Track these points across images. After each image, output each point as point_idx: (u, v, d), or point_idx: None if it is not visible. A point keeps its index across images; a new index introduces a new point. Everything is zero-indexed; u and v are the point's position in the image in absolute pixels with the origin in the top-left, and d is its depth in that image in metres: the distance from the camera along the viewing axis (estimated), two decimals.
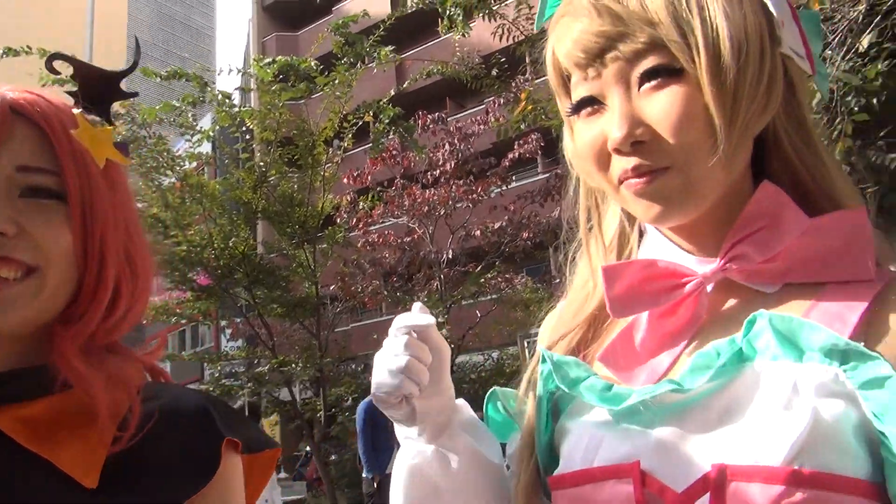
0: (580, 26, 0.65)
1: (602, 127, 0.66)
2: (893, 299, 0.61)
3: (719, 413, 0.59)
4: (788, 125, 0.68)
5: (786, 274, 0.66)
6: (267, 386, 9.25)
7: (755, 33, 0.63)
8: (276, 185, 7.89)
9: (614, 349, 0.69)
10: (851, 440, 0.56)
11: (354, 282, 10.43)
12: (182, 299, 9.07)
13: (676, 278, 0.67)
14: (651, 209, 0.65)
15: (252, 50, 23.71)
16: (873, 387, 0.55)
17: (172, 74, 6.71)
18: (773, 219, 0.65)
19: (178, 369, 26.28)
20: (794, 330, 0.59)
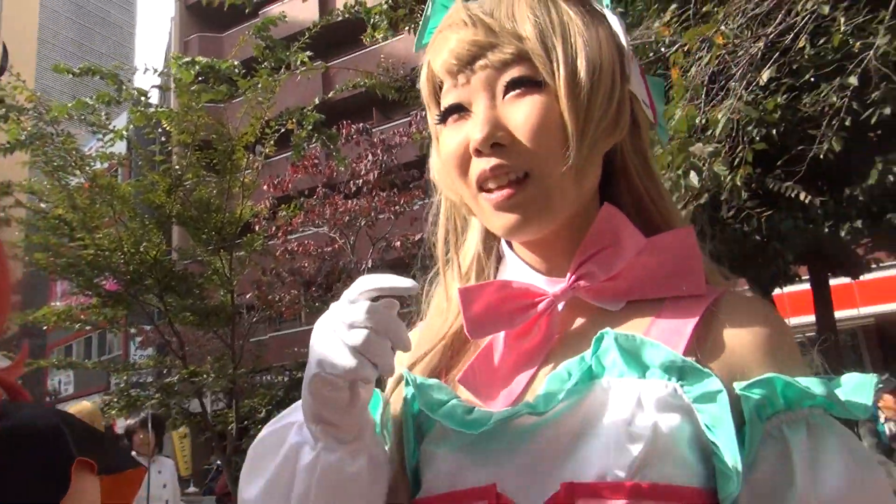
0: (456, 36, 0.70)
1: (466, 131, 0.70)
2: (720, 313, 0.67)
3: (571, 431, 0.62)
4: (634, 156, 0.76)
5: (628, 292, 0.71)
6: (176, 397, 8.91)
7: (608, 62, 0.70)
8: (192, 190, 7.65)
9: (474, 371, 0.71)
10: (687, 451, 0.60)
11: (272, 291, 10.23)
12: (87, 305, 8.66)
13: (529, 298, 0.71)
14: (508, 220, 0.69)
15: (174, 50, 23.01)
16: (706, 401, 0.60)
17: (86, 71, 6.42)
18: (615, 239, 0.71)
19: (83, 378, 25.08)
20: (637, 347, 0.63)
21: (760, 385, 0.60)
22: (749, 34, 3.31)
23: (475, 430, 0.64)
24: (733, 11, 3.19)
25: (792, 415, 0.60)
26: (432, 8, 0.78)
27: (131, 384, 10.14)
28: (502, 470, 0.63)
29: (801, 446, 0.59)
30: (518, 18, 0.69)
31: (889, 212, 5.33)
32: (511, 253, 0.77)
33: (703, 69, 3.08)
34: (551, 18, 0.69)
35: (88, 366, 9.70)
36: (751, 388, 0.60)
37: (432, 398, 0.68)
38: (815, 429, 0.60)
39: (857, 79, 3.67)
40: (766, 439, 0.60)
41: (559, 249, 0.73)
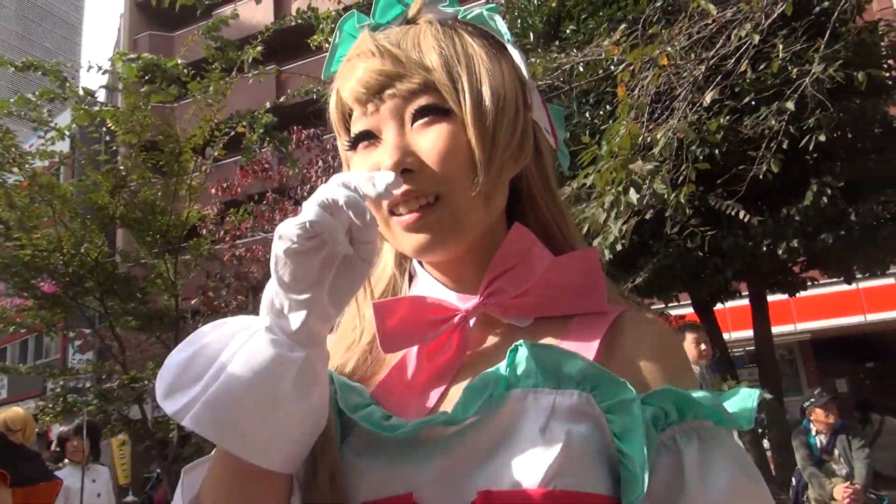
0: (364, 65, 0.72)
1: (376, 158, 0.72)
2: (621, 331, 0.72)
3: (488, 441, 0.63)
4: (538, 181, 0.80)
5: (537, 308, 0.74)
6: (115, 403, 8.65)
7: (511, 92, 0.74)
8: (137, 191, 7.46)
9: (387, 385, 0.73)
10: (596, 459, 0.62)
11: (218, 296, 10.04)
12: (23, 307, 8.35)
13: (442, 313, 0.73)
14: (417, 240, 0.71)
15: (122, 48, 22.45)
16: (618, 409, 0.63)
17: (28, 66, 6.20)
18: (524, 256, 0.73)
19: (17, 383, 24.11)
20: (551, 358, 0.65)
21: (657, 397, 0.64)
22: (693, 56, 3.41)
23: (392, 434, 0.65)
24: (678, 34, 3.29)
25: (685, 426, 0.64)
26: (340, 37, 0.80)
27: (68, 389, 9.81)
28: (419, 479, 0.64)
29: (693, 456, 0.62)
30: (424, 49, 0.72)
31: (823, 232, 5.54)
32: (423, 271, 0.80)
33: (647, 88, 3.17)
34: (456, 50, 0.72)
35: (22, 370, 9.33)
36: (648, 399, 0.63)
37: (353, 400, 0.69)
38: (705, 440, 0.63)
39: (794, 104, 3.83)
40: (661, 449, 0.63)
41: (470, 267, 0.75)
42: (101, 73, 6.70)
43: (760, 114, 4.29)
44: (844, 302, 12.26)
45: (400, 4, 0.77)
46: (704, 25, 3.40)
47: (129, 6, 24.64)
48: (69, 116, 6.97)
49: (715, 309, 7.73)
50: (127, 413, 9.68)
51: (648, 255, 6.01)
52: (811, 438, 5.43)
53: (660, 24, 3.86)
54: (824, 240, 5.54)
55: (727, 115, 5.01)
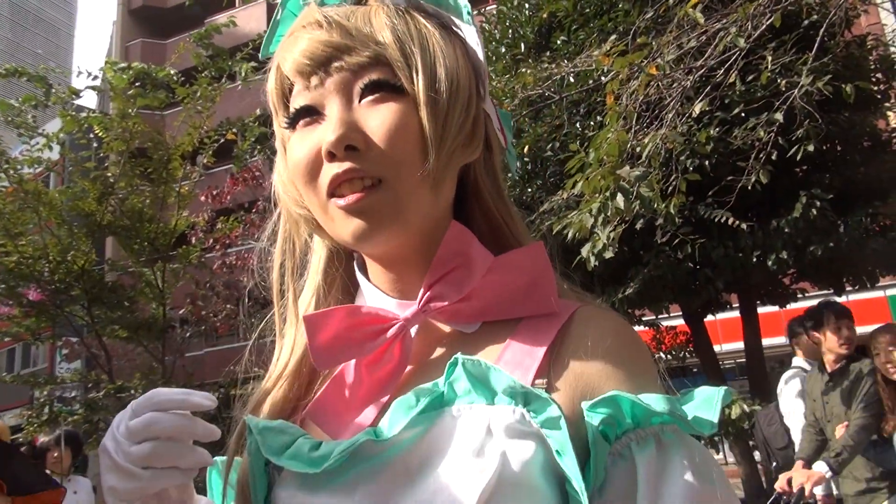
0: (309, 36, 0.67)
1: (318, 135, 0.67)
2: (572, 330, 0.66)
3: (420, 462, 0.59)
4: (486, 176, 0.75)
5: (482, 313, 0.69)
6: (101, 413, 8.55)
7: (465, 77, 0.70)
8: (125, 199, 7.42)
9: (324, 403, 0.68)
10: (539, 479, 0.57)
11: (207, 305, 9.96)
12: (8, 315, 8.27)
13: (380, 323, 0.68)
14: (358, 225, 0.65)
15: (115, 55, 22.41)
16: (552, 426, 0.58)
17: (12, 72, 6.17)
18: (465, 258, 0.69)
19: (4, 392, 23.87)
20: (483, 373, 0.61)
21: (605, 404, 0.59)
22: (682, 67, 3.41)
23: (318, 468, 0.60)
24: (666, 44, 3.28)
25: (641, 432, 0.59)
26: (282, 14, 0.76)
27: (55, 399, 9.72)
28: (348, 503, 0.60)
29: (647, 464, 0.57)
30: (375, 26, 0.67)
31: (813, 244, 5.54)
32: (363, 279, 0.75)
33: (634, 97, 3.16)
34: (409, 29, 0.68)
35: (7, 379, 9.23)
36: (595, 407, 0.59)
37: (276, 442, 0.65)
38: (664, 445, 0.58)
39: (783, 115, 3.83)
40: (616, 459, 0.59)
41: (412, 271, 0.71)
42: (91, 79, 6.68)
43: (750, 125, 4.29)
44: None
45: None
46: (694, 36, 3.40)
47: (122, 13, 24.62)
48: (59, 124, 6.94)
49: (705, 320, 7.73)
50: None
51: (639, 266, 6.00)
52: None
53: (650, 34, 3.86)
54: (814, 251, 5.54)
55: (717, 127, 5.02)
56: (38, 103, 6.23)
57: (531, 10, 7.00)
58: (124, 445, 0.61)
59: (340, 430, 0.66)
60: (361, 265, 0.76)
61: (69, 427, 8.55)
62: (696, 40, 3.40)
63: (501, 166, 0.78)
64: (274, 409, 0.71)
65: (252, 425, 0.67)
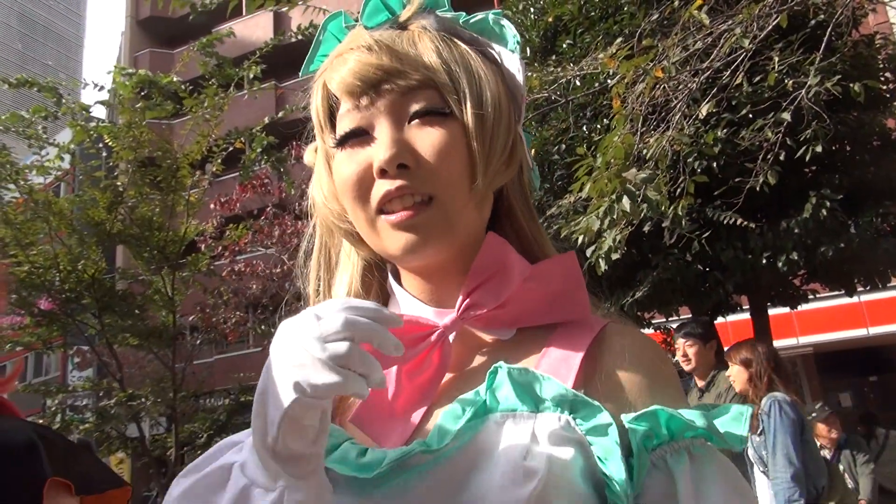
0: (360, 58, 0.69)
1: (368, 154, 0.69)
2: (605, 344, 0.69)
3: (466, 468, 0.61)
4: (519, 196, 0.79)
5: (518, 319, 0.72)
6: (113, 421, 8.61)
7: (506, 100, 0.73)
8: (134, 207, 7.46)
9: (366, 408, 0.69)
10: (581, 484, 0.60)
11: (216, 312, 10.01)
12: (20, 325, 8.32)
13: (420, 331, 0.70)
14: (407, 240, 0.68)
15: (123, 65, 22.58)
16: (598, 433, 0.61)
17: (22, 83, 6.21)
18: (502, 267, 0.71)
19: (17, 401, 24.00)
20: (529, 381, 0.63)
21: (646, 418, 0.62)
22: (688, 68, 3.40)
23: (369, 474, 0.62)
24: (671, 46, 3.28)
25: (676, 445, 0.62)
26: (323, 35, 0.79)
27: (67, 407, 9.78)
28: None
29: (685, 476, 0.60)
30: (421, 49, 0.70)
31: (823, 245, 5.51)
32: (399, 288, 0.77)
33: (640, 99, 3.15)
34: (452, 53, 0.71)
35: (19, 389, 9.30)
36: (637, 420, 0.62)
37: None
38: (696, 459, 0.62)
39: (790, 116, 3.81)
40: (651, 470, 0.61)
41: (449, 281, 0.73)
42: (98, 89, 6.72)
43: (757, 126, 4.28)
44: (847, 315, 12.21)
45: (386, 10, 0.75)
46: (700, 38, 3.39)
47: (130, 24, 24.82)
48: (69, 134, 6.99)
49: (716, 323, 7.69)
50: (125, 431, 9.65)
51: (648, 269, 5.99)
52: None
53: (655, 36, 3.85)
54: (824, 252, 5.51)
55: (724, 128, 5.00)
56: (48, 114, 6.28)
57: (536, 14, 7.02)
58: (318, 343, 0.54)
59: (383, 436, 0.67)
60: (395, 275, 0.78)
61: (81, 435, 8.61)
62: (701, 42, 3.40)
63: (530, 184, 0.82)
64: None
65: None
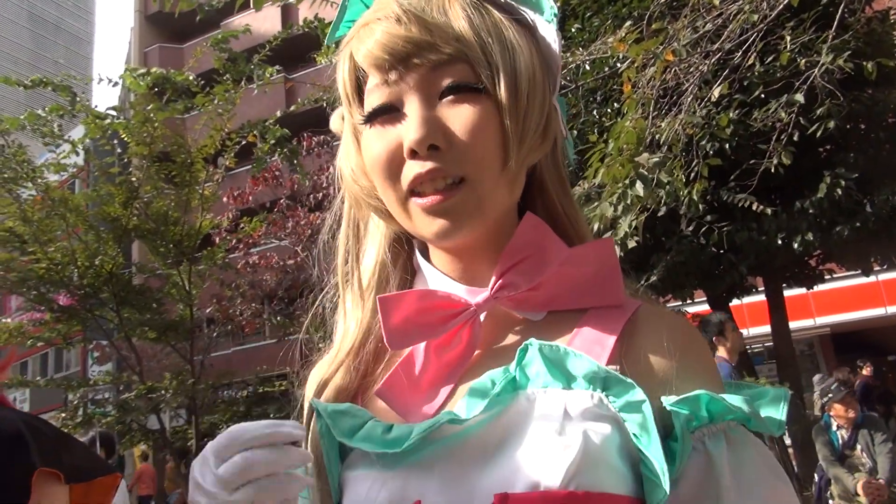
0: (388, 29, 0.66)
1: (398, 133, 0.66)
2: (639, 326, 0.68)
3: (497, 442, 0.60)
4: (552, 170, 0.76)
5: (550, 302, 0.70)
6: (133, 413, 8.71)
7: (540, 73, 0.69)
8: (149, 202, 7.53)
9: (394, 382, 0.69)
10: (617, 459, 0.59)
11: (233, 304, 10.09)
12: (40, 321, 8.44)
13: (451, 308, 0.69)
14: (440, 225, 0.66)
15: (133, 60, 22.67)
16: (632, 410, 0.60)
17: (38, 83, 6.26)
18: (537, 249, 0.70)
19: (39, 396, 24.36)
20: (561, 358, 0.62)
21: (689, 401, 0.61)
22: (699, 51, 3.38)
23: (398, 449, 0.62)
24: (682, 28, 3.25)
25: (713, 428, 0.61)
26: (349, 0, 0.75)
27: (88, 401, 9.91)
28: (426, 484, 0.61)
29: (723, 458, 0.60)
30: (452, 17, 0.66)
31: (838, 224, 5.47)
32: (427, 265, 0.75)
33: (652, 83, 3.14)
34: (485, 22, 0.67)
35: (41, 384, 9.42)
36: (680, 404, 0.61)
37: (346, 425, 0.66)
38: (733, 441, 0.61)
39: (803, 96, 3.78)
40: (691, 452, 0.60)
41: (480, 259, 0.71)
42: (112, 85, 6.77)
43: (770, 107, 4.24)
44: (864, 295, 12.12)
45: None
46: (710, 19, 3.36)
47: (139, 20, 24.88)
48: (82, 130, 7.05)
49: (731, 305, 7.66)
50: (145, 423, 9.78)
51: (662, 253, 5.97)
52: (832, 434, 5.35)
53: (664, 19, 3.82)
54: (840, 232, 5.47)
55: (736, 110, 4.96)
56: (64, 113, 6.33)
57: None
58: (221, 497, 0.58)
59: (409, 410, 0.67)
60: (423, 250, 0.77)
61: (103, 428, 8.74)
62: (711, 23, 3.37)
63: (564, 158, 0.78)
64: (341, 388, 0.73)
65: (321, 409, 0.69)
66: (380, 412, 0.70)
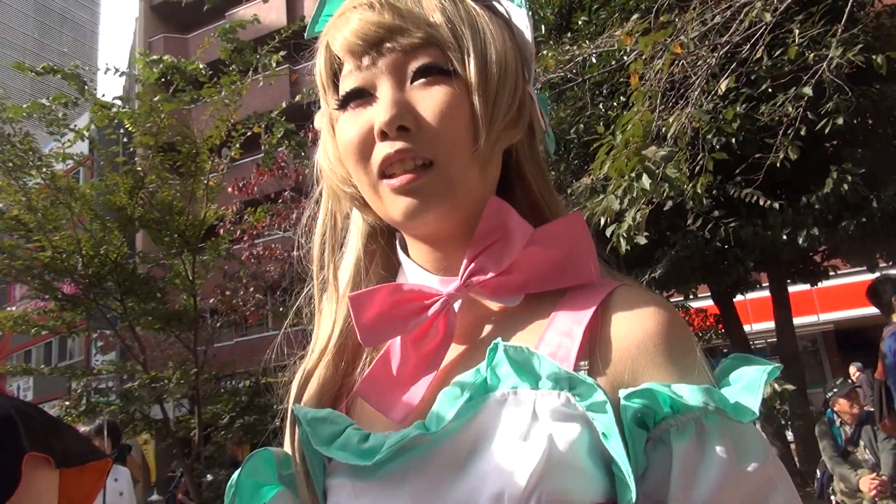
0: (361, 17, 0.67)
1: (370, 115, 0.68)
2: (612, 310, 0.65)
3: (468, 450, 0.60)
4: (529, 158, 0.77)
5: (525, 285, 0.69)
6: (137, 403, 8.74)
7: (513, 59, 0.71)
8: (155, 192, 7.53)
9: (373, 379, 0.69)
10: (587, 461, 0.58)
11: (236, 295, 10.11)
12: (45, 309, 8.46)
13: (423, 299, 0.69)
14: (409, 204, 0.67)
15: (138, 50, 22.65)
16: (597, 410, 0.58)
17: (48, 70, 6.27)
18: (504, 231, 0.69)
19: (43, 385, 24.49)
20: (527, 359, 0.61)
21: (640, 394, 0.59)
22: (707, 44, 3.36)
23: (369, 461, 0.62)
24: (690, 21, 3.24)
25: (682, 418, 0.58)
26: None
27: (92, 390, 9.95)
28: (399, 494, 0.61)
29: (685, 450, 0.57)
30: (425, 6, 0.68)
31: (844, 220, 5.46)
32: (406, 258, 0.75)
33: (660, 76, 3.13)
34: (458, 10, 0.69)
35: (45, 372, 9.45)
36: (631, 397, 0.59)
37: (325, 432, 0.66)
38: (704, 430, 0.57)
39: (811, 90, 3.76)
40: (657, 444, 0.59)
41: (455, 248, 0.72)
42: (119, 75, 6.77)
43: (777, 101, 4.22)
44: None
45: None
46: (718, 12, 3.35)
47: (144, 9, 24.87)
48: (87, 118, 7.05)
49: (735, 300, 7.66)
50: (148, 412, 9.82)
51: (666, 247, 5.96)
52: (836, 430, 5.35)
53: (672, 12, 3.80)
54: (845, 227, 5.46)
55: (743, 103, 4.94)
56: (69, 101, 6.34)
57: None
58: None
59: (390, 407, 0.67)
60: (403, 244, 0.77)
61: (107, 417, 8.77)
62: (720, 16, 3.36)
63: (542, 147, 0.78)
64: (321, 388, 0.73)
65: (300, 416, 0.69)
66: (365, 411, 0.70)
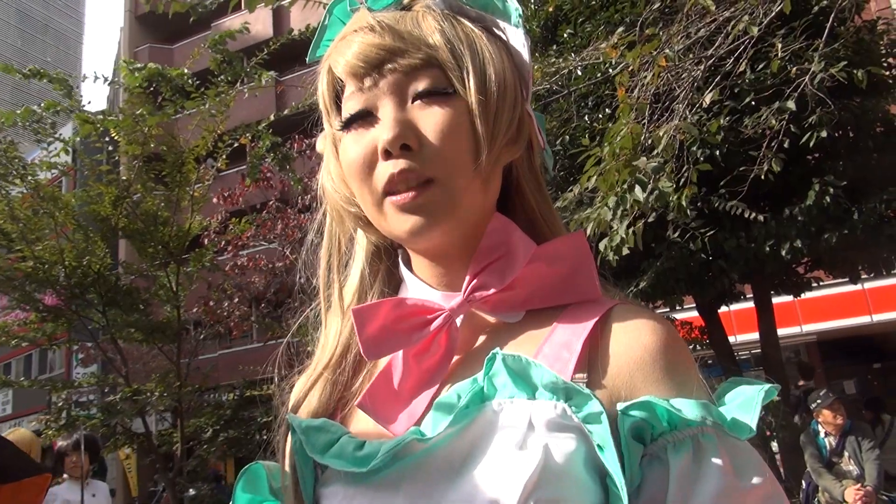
0: (362, 40, 0.69)
1: (373, 135, 0.69)
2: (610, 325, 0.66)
3: (463, 457, 0.61)
4: (528, 175, 0.78)
5: (526, 302, 0.71)
6: (118, 416, 8.61)
7: (511, 77, 0.72)
8: (139, 202, 7.46)
9: (373, 394, 0.69)
10: (582, 471, 0.58)
11: (220, 307, 10.02)
12: (25, 321, 8.33)
13: (426, 314, 0.70)
14: (413, 221, 0.67)
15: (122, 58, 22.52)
16: (593, 421, 0.59)
17: (34, 73, 6.20)
18: (507, 248, 0.70)
19: (22, 398, 24.10)
20: (524, 369, 0.62)
21: (638, 407, 0.59)
22: (692, 56, 3.40)
23: (364, 468, 0.63)
24: (675, 34, 3.27)
25: (679, 434, 0.58)
26: (329, 19, 0.78)
27: (72, 403, 9.79)
28: (392, 500, 0.62)
29: (681, 467, 0.57)
30: (424, 28, 0.70)
31: (827, 232, 5.51)
32: (409, 273, 0.76)
33: (647, 88, 3.15)
34: (456, 31, 0.70)
35: (25, 385, 9.30)
36: (629, 410, 0.59)
37: (320, 441, 0.67)
38: (701, 447, 0.58)
39: (794, 103, 3.81)
40: (652, 460, 0.59)
41: (457, 264, 0.72)
42: (105, 83, 6.72)
43: (761, 114, 4.27)
44: (850, 302, 12.22)
45: None
46: (703, 25, 3.39)
47: (129, 19, 24.78)
48: (71, 128, 6.99)
49: (720, 312, 7.70)
50: (130, 426, 9.69)
51: (651, 259, 5.99)
52: (820, 440, 5.38)
53: (657, 25, 3.84)
54: (828, 239, 5.51)
55: (727, 116, 5.00)
56: (60, 109, 6.27)
57: (537, 4, 7.00)
58: None
59: (391, 421, 0.67)
60: (406, 260, 0.78)
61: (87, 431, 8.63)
62: (704, 29, 3.39)
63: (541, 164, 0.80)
64: (321, 400, 0.74)
65: (295, 425, 0.69)
66: (360, 425, 0.70)
